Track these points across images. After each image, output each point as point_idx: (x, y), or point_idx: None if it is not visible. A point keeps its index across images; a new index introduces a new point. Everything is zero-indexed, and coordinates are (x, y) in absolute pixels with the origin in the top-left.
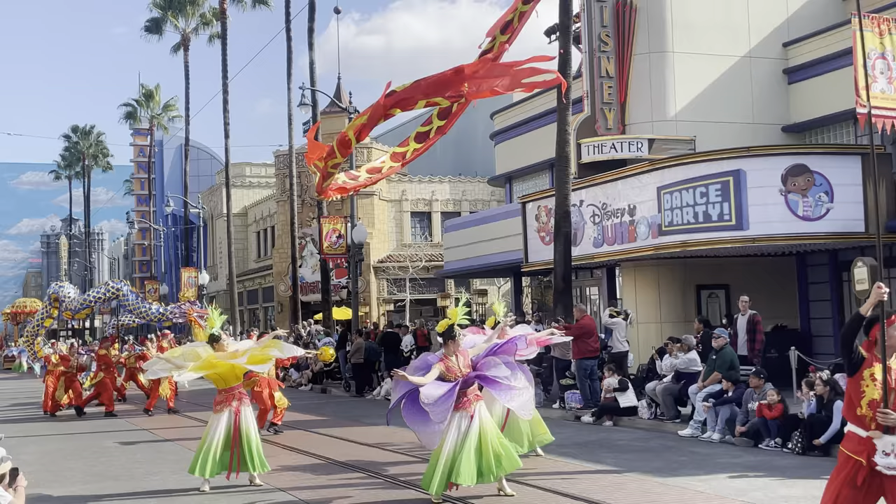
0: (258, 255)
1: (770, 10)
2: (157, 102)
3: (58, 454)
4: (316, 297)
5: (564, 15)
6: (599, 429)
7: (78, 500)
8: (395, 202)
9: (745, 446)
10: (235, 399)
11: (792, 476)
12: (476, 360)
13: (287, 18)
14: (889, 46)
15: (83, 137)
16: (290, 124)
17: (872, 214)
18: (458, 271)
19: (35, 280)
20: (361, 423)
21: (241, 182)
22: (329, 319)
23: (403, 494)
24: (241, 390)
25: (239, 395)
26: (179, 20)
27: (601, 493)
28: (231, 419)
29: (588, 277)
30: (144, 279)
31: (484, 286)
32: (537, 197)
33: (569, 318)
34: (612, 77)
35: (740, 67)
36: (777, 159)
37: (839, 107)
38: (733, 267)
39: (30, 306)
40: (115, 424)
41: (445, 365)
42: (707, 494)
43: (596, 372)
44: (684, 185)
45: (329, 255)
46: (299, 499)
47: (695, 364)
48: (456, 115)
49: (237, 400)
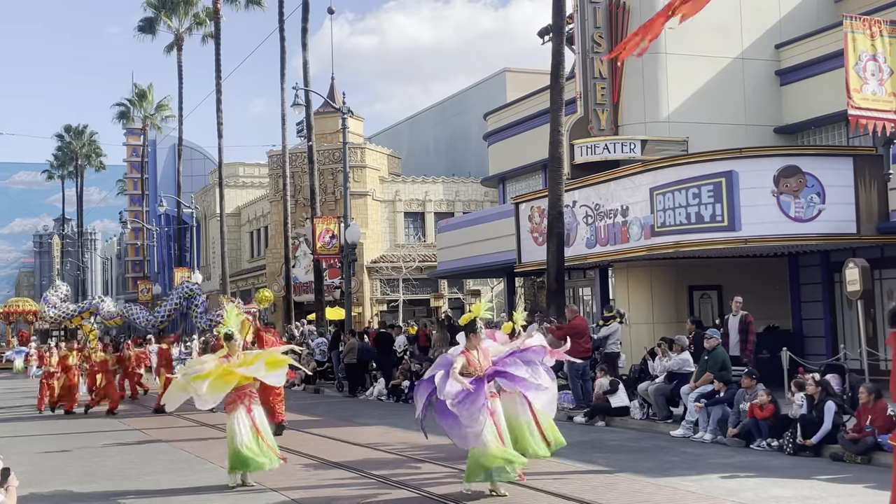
0: (251, 256)
1: (762, 11)
2: (150, 102)
3: (50, 454)
4: (309, 297)
5: (557, 16)
6: (592, 429)
7: (71, 500)
8: (388, 202)
9: (736, 446)
10: (247, 397)
11: (783, 476)
12: (497, 360)
13: (280, 18)
14: (880, 48)
15: (76, 137)
16: (283, 124)
17: (864, 216)
18: (451, 272)
19: (27, 280)
20: (354, 423)
21: (234, 182)
22: (322, 320)
23: (395, 494)
24: (252, 389)
25: (250, 394)
26: (173, 20)
27: (593, 494)
28: (247, 419)
29: (581, 278)
30: (137, 279)
31: (477, 286)
32: (530, 197)
33: (561, 318)
34: (606, 78)
35: (733, 69)
36: (769, 160)
37: (831, 108)
38: (725, 268)
39: (22, 306)
40: (109, 425)
41: (467, 358)
42: (698, 494)
43: (588, 372)
44: (677, 186)
45: (322, 256)
46: (291, 499)
47: (688, 365)
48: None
49: (248, 398)
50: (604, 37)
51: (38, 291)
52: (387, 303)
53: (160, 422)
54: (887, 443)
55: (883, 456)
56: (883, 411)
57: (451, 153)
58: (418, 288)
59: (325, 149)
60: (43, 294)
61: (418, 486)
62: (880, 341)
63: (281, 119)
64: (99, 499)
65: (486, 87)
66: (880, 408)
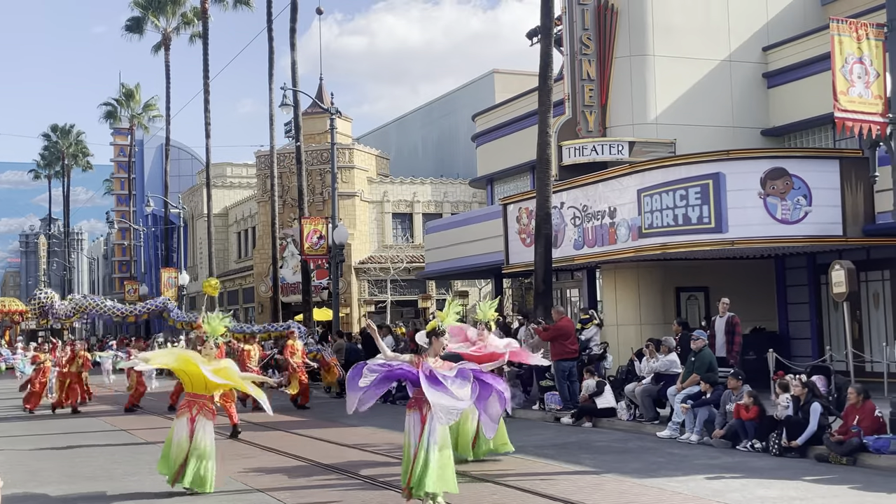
0: (239, 256)
1: (750, 14)
2: (137, 102)
3: (35, 454)
4: (297, 297)
5: (546, 17)
6: (579, 430)
7: (55, 501)
8: (376, 203)
9: (722, 447)
10: (196, 407)
11: (769, 477)
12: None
13: (269, 18)
14: (867, 51)
15: (63, 136)
16: (271, 125)
17: (850, 218)
18: (439, 273)
19: (13, 280)
20: (341, 423)
21: (221, 182)
22: (310, 320)
23: (382, 495)
24: (207, 402)
25: (201, 405)
26: (160, 19)
27: (580, 494)
28: (187, 426)
29: (568, 279)
30: (124, 279)
31: (465, 287)
32: (518, 199)
33: (548, 319)
34: (594, 80)
35: (720, 71)
36: (756, 162)
37: (818, 111)
38: (712, 269)
39: (8, 305)
40: (93, 425)
41: (417, 358)
42: (685, 495)
43: (575, 373)
44: (664, 187)
45: (310, 256)
46: (278, 500)
47: (674, 366)
48: None
49: (198, 408)
50: (592, 38)
51: (23, 291)
52: (374, 304)
53: (146, 422)
54: (873, 444)
55: (868, 457)
56: (871, 412)
57: (440, 154)
58: (406, 289)
59: (313, 149)
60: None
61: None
62: (866, 343)
63: (269, 119)
64: (82, 500)
65: (474, 88)
66: (868, 408)
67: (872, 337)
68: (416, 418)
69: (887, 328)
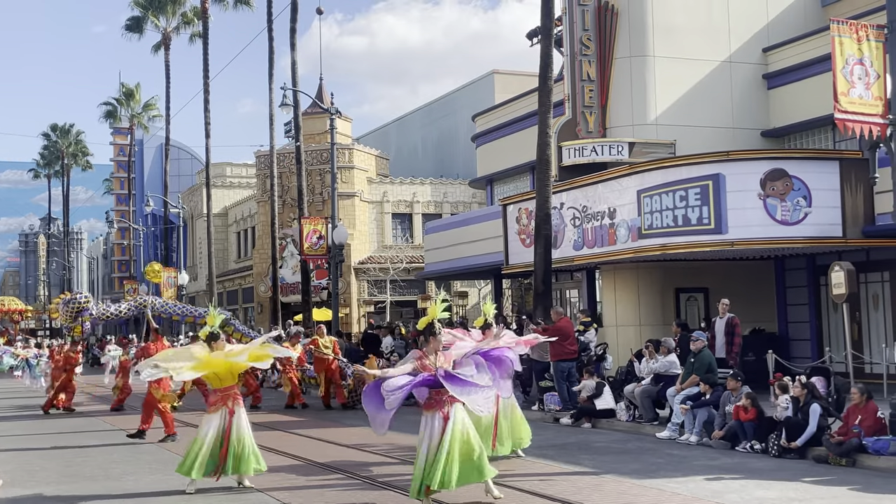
0: (238, 256)
1: (750, 15)
2: (137, 101)
3: (33, 453)
4: (296, 297)
5: (546, 18)
6: (578, 431)
7: (53, 500)
8: (376, 203)
9: (722, 448)
10: (231, 399)
11: (768, 478)
12: (458, 361)
13: (269, 18)
14: (867, 52)
15: (62, 136)
16: (271, 125)
17: (850, 219)
18: (438, 273)
19: (13, 279)
20: (340, 424)
21: (221, 182)
22: (309, 320)
23: (382, 496)
24: (237, 391)
25: (234, 396)
26: (160, 19)
27: (579, 495)
28: (225, 420)
29: (568, 280)
30: (123, 279)
31: (464, 288)
32: (518, 199)
33: (548, 320)
34: (594, 80)
35: (720, 72)
36: (756, 164)
37: (818, 112)
38: (712, 270)
39: (8, 304)
40: (92, 424)
41: (421, 363)
42: (684, 496)
43: (574, 374)
44: (664, 188)
45: (309, 256)
46: (278, 500)
47: (674, 367)
48: None
49: (232, 400)
50: (592, 39)
51: (23, 291)
52: (374, 304)
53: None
54: (872, 446)
55: (867, 458)
56: (873, 412)
57: (439, 154)
58: (405, 289)
59: (312, 149)
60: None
61: (404, 486)
62: (865, 344)
63: (269, 119)
64: (81, 500)
65: (474, 88)
66: (871, 409)
67: (872, 338)
68: (437, 417)
69: (887, 329)
